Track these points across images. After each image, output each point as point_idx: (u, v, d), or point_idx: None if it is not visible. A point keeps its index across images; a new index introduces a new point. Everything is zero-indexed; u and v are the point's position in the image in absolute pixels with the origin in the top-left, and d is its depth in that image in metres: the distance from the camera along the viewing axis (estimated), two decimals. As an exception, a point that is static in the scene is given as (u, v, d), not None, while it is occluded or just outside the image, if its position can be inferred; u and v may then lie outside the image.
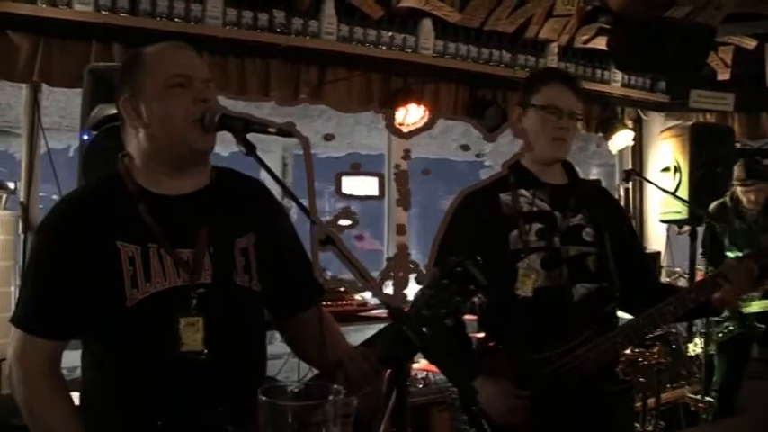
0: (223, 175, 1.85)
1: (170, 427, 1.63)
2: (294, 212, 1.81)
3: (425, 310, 1.52)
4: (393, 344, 1.53)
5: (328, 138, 5.20)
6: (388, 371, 1.67)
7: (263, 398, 1.21)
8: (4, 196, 3.86)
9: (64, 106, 4.26)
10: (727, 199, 4.72)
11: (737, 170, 4.65)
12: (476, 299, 1.57)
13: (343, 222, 5.87)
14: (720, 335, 4.58)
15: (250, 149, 1.60)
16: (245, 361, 1.74)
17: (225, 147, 2.15)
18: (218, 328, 1.68)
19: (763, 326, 4.42)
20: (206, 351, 1.66)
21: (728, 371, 4.52)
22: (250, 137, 1.62)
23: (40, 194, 4.11)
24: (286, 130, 1.65)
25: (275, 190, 1.99)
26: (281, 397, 1.24)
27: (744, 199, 4.63)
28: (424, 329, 1.49)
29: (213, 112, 1.67)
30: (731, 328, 4.53)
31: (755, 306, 4.41)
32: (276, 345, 3.35)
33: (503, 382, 2.29)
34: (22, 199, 3.91)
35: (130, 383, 1.67)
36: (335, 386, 1.25)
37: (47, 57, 3.73)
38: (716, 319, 4.51)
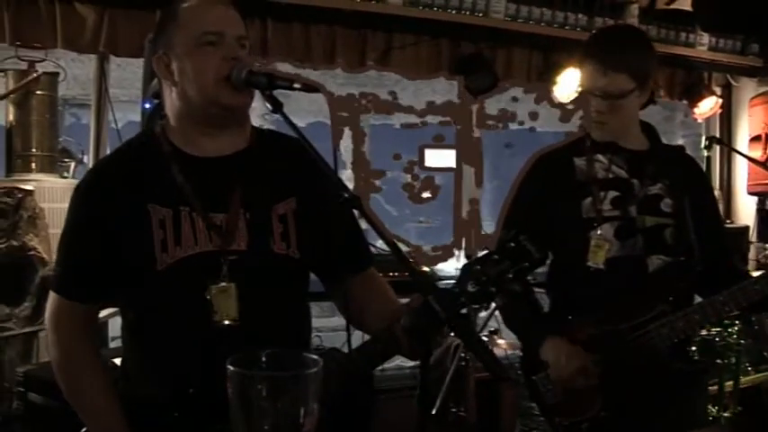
0: (264, 136, 1.78)
1: (201, 395, 1.57)
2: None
3: (472, 286, 1.38)
4: (421, 315, 1.41)
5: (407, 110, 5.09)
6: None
7: (231, 368, 1.10)
8: (73, 165, 3.92)
9: (141, 78, 4.27)
10: None
11: None
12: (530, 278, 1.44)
13: (425, 195, 5.65)
14: None
15: (277, 106, 1.52)
16: (282, 331, 1.66)
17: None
18: (253, 296, 1.62)
19: None
20: (240, 320, 1.60)
21: None
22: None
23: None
24: (312, 86, 1.57)
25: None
26: (254, 367, 1.13)
27: None
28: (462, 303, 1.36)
29: (240, 68, 1.59)
30: None
31: None
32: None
33: (571, 345, 2.18)
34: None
35: (163, 349, 1.64)
36: (314, 356, 1.14)
37: (112, 27, 3.74)
38: None
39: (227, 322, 1.60)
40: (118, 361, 1.85)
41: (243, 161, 1.70)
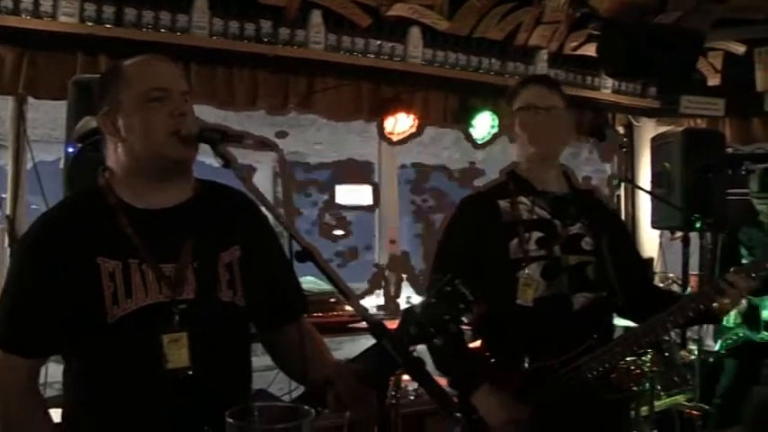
0: (206, 187, 1.81)
1: None
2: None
3: (414, 328, 1.49)
4: (375, 359, 1.50)
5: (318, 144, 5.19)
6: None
7: (230, 420, 1.16)
8: (-8, 210, 3.81)
9: (54, 118, 4.19)
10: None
11: (752, 182, 4.60)
12: (464, 318, 1.56)
13: (337, 232, 5.69)
14: (730, 340, 4.53)
15: (227, 162, 1.58)
16: (231, 377, 1.71)
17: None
18: (202, 344, 1.64)
19: None
20: (191, 368, 1.62)
21: (737, 376, 4.49)
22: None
23: (33, 207, 4.05)
24: (264, 142, 1.64)
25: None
26: (250, 419, 1.19)
27: (759, 210, 4.55)
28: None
29: (191, 124, 1.65)
30: (741, 334, 4.49)
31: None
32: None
33: (502, 394, 2.26)
34: (8, 212, 3.85)
35: (114, 401, 1.63)
36: (305, 407, 1.20)
37: (32, 69, 3.68)
38: (727, 325, 4.48)
39: (178, 371, 1.61)
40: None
41: (189, 211, 1.72)
